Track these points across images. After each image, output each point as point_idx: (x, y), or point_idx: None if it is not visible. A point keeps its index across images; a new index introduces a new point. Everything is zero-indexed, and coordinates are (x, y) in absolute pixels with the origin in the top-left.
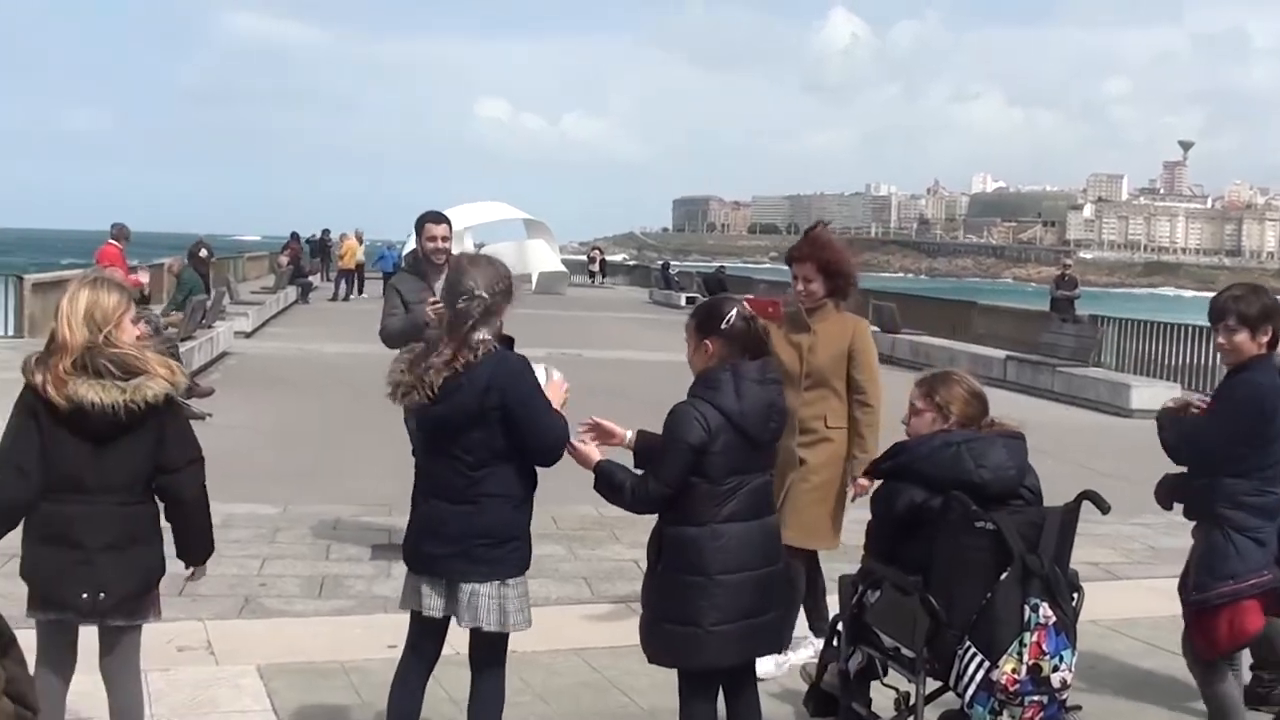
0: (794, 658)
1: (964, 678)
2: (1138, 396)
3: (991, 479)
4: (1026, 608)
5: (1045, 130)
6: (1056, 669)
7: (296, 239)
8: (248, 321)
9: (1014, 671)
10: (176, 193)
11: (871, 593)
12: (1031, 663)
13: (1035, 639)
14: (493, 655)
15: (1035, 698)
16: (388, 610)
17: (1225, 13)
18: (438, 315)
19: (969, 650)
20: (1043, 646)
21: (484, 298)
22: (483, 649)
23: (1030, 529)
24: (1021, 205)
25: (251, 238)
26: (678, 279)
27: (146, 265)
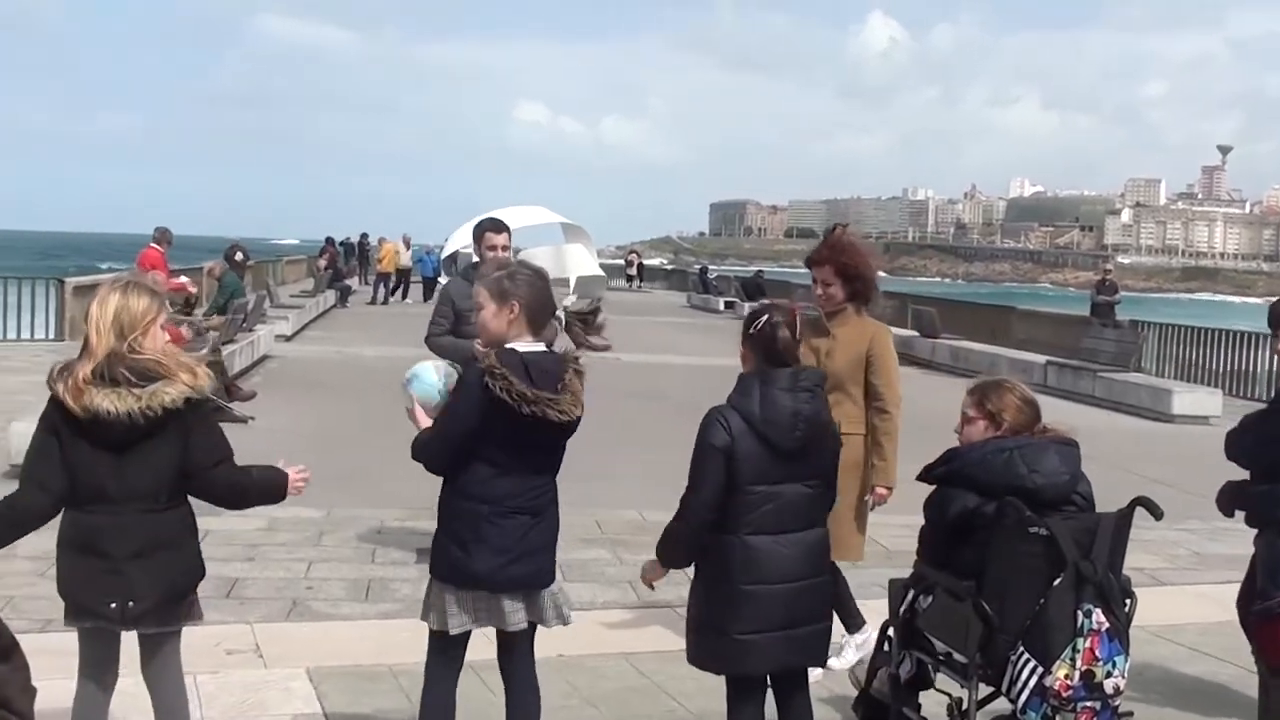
0: (835, 663)
1: (1017, 683)
2: (1179, 402)
3: (1044, 484)
4: (1080, 613)
5: (1083, 134)
6: (1109, 675)
7: (332, 243)
8: (288, 325)
9: (1067, 677)
10: (211, 196)
11: (924, 598)
12: (1085, 669)
13: (1088, 645)
14: (532, 646)
15: (1088, 704)
16: None
17: (1265, 16)
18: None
19: (1022, 656)
20: (1096, 652)
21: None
22: (527, 641)
23: (1084, 535)
24: (1059, 210)
25: (289, 241)
26: (716, 283)
27: (188, 270)
